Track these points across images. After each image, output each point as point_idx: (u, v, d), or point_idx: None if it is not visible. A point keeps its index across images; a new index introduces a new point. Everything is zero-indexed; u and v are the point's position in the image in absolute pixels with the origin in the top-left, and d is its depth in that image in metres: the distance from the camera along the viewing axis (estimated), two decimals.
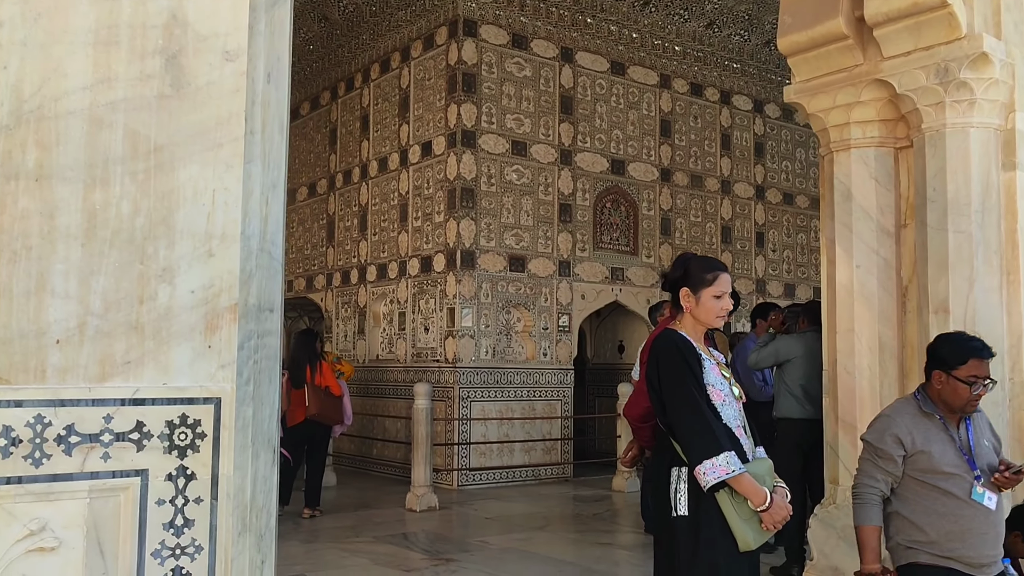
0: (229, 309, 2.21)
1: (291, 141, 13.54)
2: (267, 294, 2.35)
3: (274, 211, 2.39)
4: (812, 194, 13.28)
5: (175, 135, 2.16)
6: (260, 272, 2.33)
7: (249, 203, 2.31)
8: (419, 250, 10.30)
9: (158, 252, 2.12)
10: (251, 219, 2.31)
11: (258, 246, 2.32)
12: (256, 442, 2.30)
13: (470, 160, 9.81)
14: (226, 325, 2.20)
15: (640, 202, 11.29)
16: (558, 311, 10.42)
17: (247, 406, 2.27)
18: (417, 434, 8.07)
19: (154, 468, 2.07)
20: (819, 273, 12.75)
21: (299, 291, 12.78)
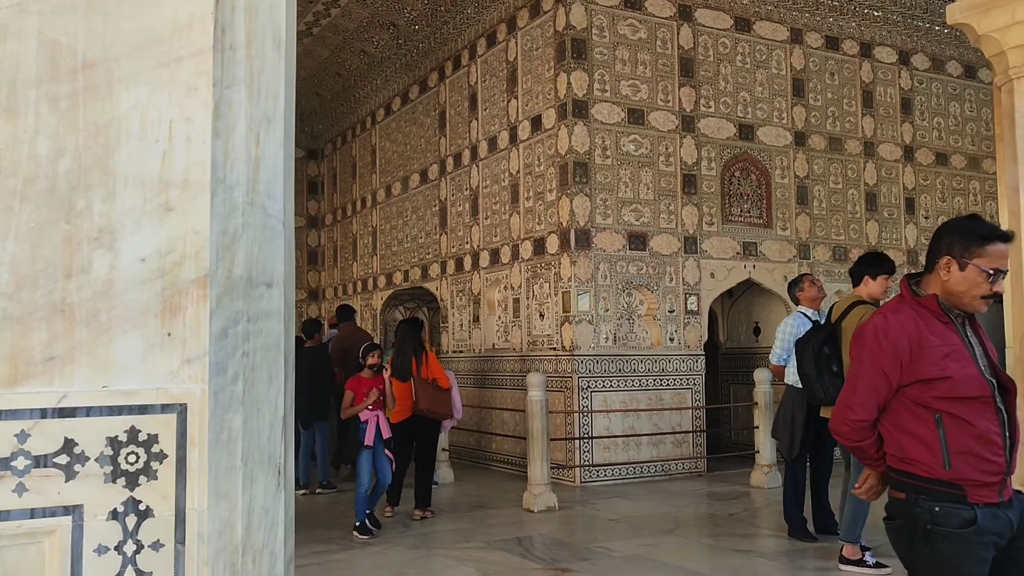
0: (197, 283, 1.62)
1: (402, 127, 13.22)
2: (261, 263, 1.75)
3: (269, 153, 1.79)
4: (969, 152, 11.89)
5: (113, 47, 1.59)
6: (249, 233, 1.74)
7: (230, 141, 1.71)
8: (531, 232, 9.68)
9: (91, 207, 1.55)
10: (233, 162, 1.72)
11: (245, 198, 1.73)
12: (250, 461, 1.71)
13: (582, 132, 9.10)
14: (192, 305, 1.62)
15: (772, 169, 10.29)
16: (685, 292, 9.59)
17: (234, 413, 1.68)
18: (532, 429, 7.46)
19: (91, 503, 1.50)
20: None
21: (415, 280, 12.41)
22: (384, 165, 13.53)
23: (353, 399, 6.74)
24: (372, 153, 13.96)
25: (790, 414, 6.10)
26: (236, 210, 1.72)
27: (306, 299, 16.00)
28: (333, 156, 15.71)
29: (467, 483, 9.13)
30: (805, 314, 6.30)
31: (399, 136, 13.03)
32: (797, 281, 6.47)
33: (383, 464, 6.71)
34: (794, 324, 6.20)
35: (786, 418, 6.12)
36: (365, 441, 6.58)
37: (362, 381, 6.79)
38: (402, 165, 12.90)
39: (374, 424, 6.58)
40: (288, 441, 1.87)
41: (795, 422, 6.05)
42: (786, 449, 6.11)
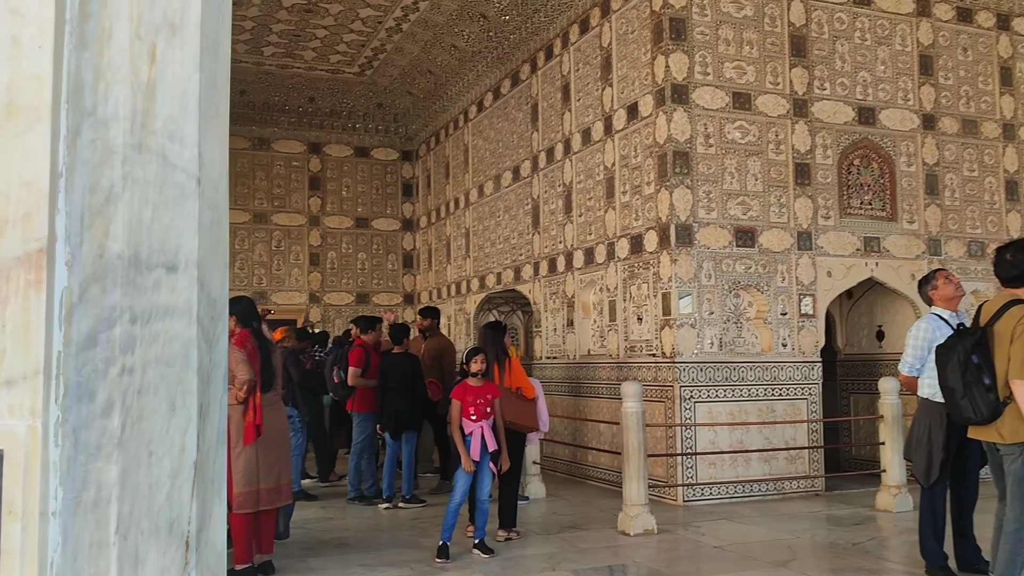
0: (25, 262, 1.06)
1: (495, 123, 12.72)
2: (157, 236, 1.18)
3: (173, 75, 1.22)
4: None
5: None
6: (135, 191, 1.17)
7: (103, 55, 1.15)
8: (628, 228, 8.97)
9: None
10: (109, 86, 1.16)
11: (129, 139, 1.17)
12: (134, 532, 1.14)
13: (682, 119, 8.36)
14: (17, 296, 1.05)
15: (897, 157, 9.29)
16: (799, 292, 8.70)
17: (105, 461, 1.12)
18: (628, 443, 6.77)
19: None
20: None
21: (507, 283, 11.86)
22: (477, 164, 13.05)
23: (460, 409, 6.14)
24: (465, 152, 13.51)
25: (926, 433, 5.23)
26: (113, 156, 1.16)
27: (401, 303, 15.69)
28: (427, 157, 15.36)
29: (559, 499, 8.49)
30: (941, 316, 5.41)
31: (491, 133, 12.52)
32: (929, 278, 5.56)
33: (484, 478, 6.14)
34: (928, 328, 5.32)
35: (921, 437, 5.26)
36: (472, 455, 6.00)
37: (468, 389, 6.18)
38: (494, 163, 12.38)
39: (479, 436, 6.01)
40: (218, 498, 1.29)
41: (933, 442, 5.18)
42: (922, 473, 5.23)
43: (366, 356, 8.54)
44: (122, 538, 1.12)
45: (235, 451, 5.46)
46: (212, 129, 1.29)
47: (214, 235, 1.29)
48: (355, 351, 8.62)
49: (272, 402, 5.68)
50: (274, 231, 15.13)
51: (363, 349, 8.60)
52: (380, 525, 7.40)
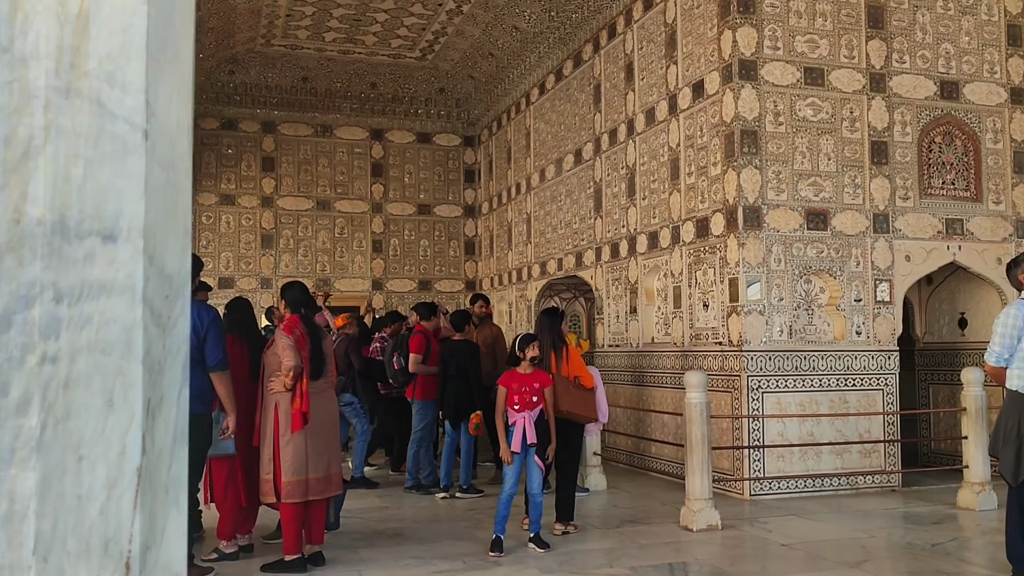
0: None
1: (556, 106, 12.45)
2: (91, 198, 1.00)
3: (112, 5, 1.02)
4: None
5: None
6: (61, 143, 0.98)
7: None
8: (693, 211, 8.64)
9: None
10: (28, 18, 0.97)
11: (54, 81, 0.98)
12: (56, 552, 0.95)
13: (751, 96, 7.98)
14: None
15: (982, 133, 8.74)
16: (875, 278, 8.26)
17: (20, 468, 0.93)
18: (691, 435, 6.48)
19: None
20: None
21: (569, 269, 11.61)
22: (538, 148, 12.80)
23: (507, 396, 5.95)
24: (526, 136, 13.28)
25: (1015, 428, 4.84)
26: (33, 101, 0.97)
27: (463, 290, 15.56)
28: (489, 142, 15.17)
29: (621, 491, 8.24)
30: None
31: (553, 116, 12.26)
32: (1020, 260, 5.14)
33: (532, 471, 5.93)
34: (1018, 315, 4.91)
35: (1009, 432, 4.86)
36: (512, 447, 5.81)
37: (515, 376, 5.99)
38: (556, 146, 12.12)
39: (520, 427, 5.80)
40: (175, 509, 1.10)
41: (1022, 438, 4.80)
42: (1010, 471, 4.85)
43: (427, 342, 8.41)
44: (41, 560, 0.94)
45: (283, 439, 5.36)
46: (167, 75, 1.09)
47: (168, 199, 1.09)
48: (415, 337, 8.50)
49: (322, 390, 5.56)
50: (337, 218, 15.13)
51: (423, 335, 8.48)
52: (436, 516, 7.26)
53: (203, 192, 14.57)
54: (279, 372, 5.35)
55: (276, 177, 14.91)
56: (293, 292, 5.62)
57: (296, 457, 5.35)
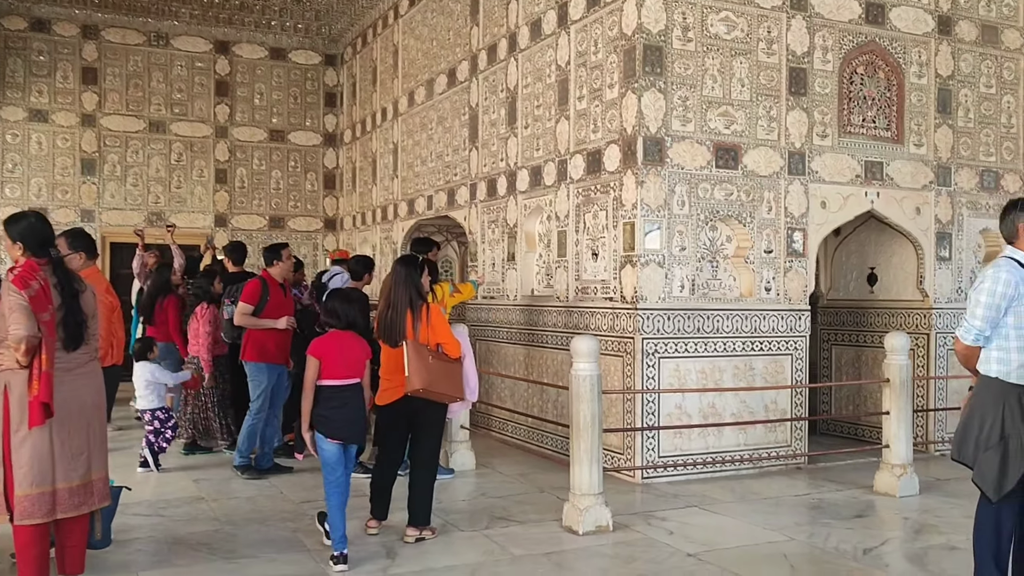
0: None
1: (428, 19, 10.83)
2: None
3: None
4: None
5: None
6: None
7: None
8: (584, 143, 7.31)
9: None
10: None
11: None
12: None
13: (656, 5, 6.65)
14: None
15: (907, 66, 7.73)
16: (788, 226, 7.18)
17: None
18: (578, 415, 5.22)
19: None
20: None
21: (440, 208, 10.14)
22: (408, 67, 11.18)
23: (318, 370, 4.65)
24: (394, 54, 11.61)
25: (997, 427, 3.75)
26: None
27: (322, 229, 13.86)
28: (353, 61, 13.39)
29: (493, 473, 6.97)
30: (1020, 262, 3.88)
31: (424, 30, 10.64)
32: (1008, 209, 3.98)
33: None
34: (1009, 281, 3.78)
35: (990, 433, 3.77)
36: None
37: (333, 342, 4.67)
38: (427, 66, 10.54)
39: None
40: None
41: (1008, 440, 3.71)
42: (993, 483, 3.76)
43: (262, 291, 6.80)
44: None
45: (16, 437, 3.77)
46: None
47: None
48: (250, 283, 6.89)
49: (78, 365, 3.97)
50: (174, 143, 13.11)
51: (260, 283, 6.86)
52: (261, 512, 5.78)
53: (7, 105, 12.29)
54: (8, 342, 3.74)
55: (99, 92, 12.73)
56: (26, 225, 3.97)
57: (35, 462, 3.79)
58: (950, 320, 7.93)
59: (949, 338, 7.93)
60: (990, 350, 3.83)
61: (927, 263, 7.84)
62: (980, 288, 3.81)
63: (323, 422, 4.63)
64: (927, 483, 6.47)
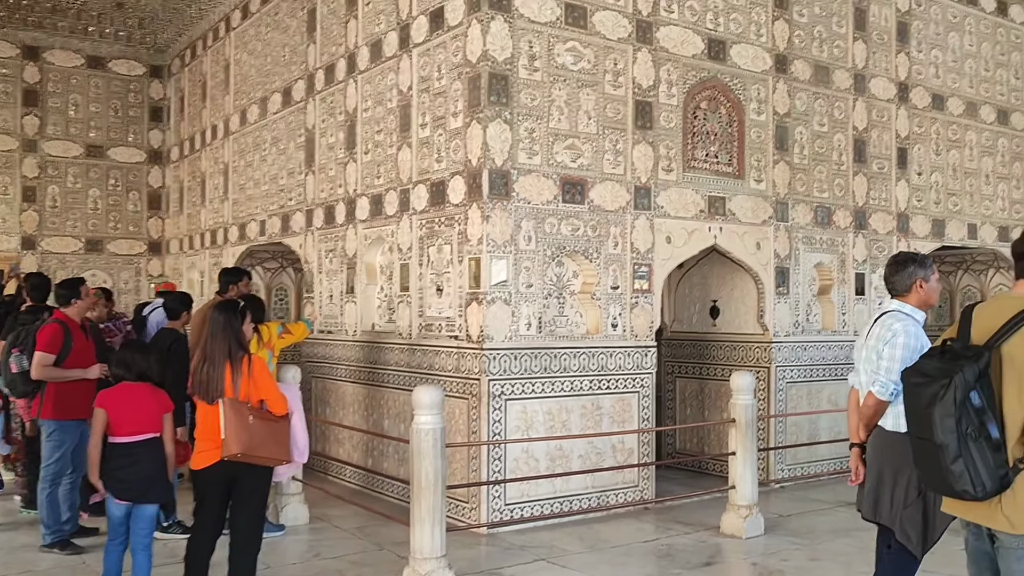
0: None
1: (262, 34, 10.20)
2: None
3: None
4: (967, 96, 9.70)
5: None
6: None
7: None
8: (427, 172, 6.94)
9: None
10: None
11: None
12: None
13: (502, 31, 6.39)
14: None
15: (747, 102, 7.81)
16: (634, 261, 7.06)
17: None
18: (419, 474, 4.82)
19: None
20: (976, 204, 9.26)
21: (273, 235, 9.51)
22: (240, 84, 10.49)
23: (105, 422, 4.27)
24: (226, 69, 10.88)
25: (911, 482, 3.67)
26: None
27: (146, 253, 12.83)
28: (181, 74, 12.50)
29: (329, 528, 6.44)
30: (915, 317, 3.83)
31: (259, 45, 10.00)
32: (924, 262, 3.86)
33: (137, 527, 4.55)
34: (919, 335, 3.71)
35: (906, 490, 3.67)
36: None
37: (126, 394, 4.27)
38: (261, 83, 9.90)
39: None
40: None
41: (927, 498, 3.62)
42: (918, 539, 3.67)
43: (64, 336, 5.97)
44: None
45: None
46: None
47: None
48: (48, 328, 6.01)
49: None
50: None
51: (60, 326, 6.01)
52: None
53: None
54: None
55: None
56: None
57: None
58: (789, 353, 8.05)
59: (788, 371, 8.05)
60: (897, 405, 3.71)
61: (767, 297, 7.93)
62: (895, 343, 3.70)
63: (111, 481, 4.45)
64: (771, 521, 6.46)
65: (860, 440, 3.92)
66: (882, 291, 8.66)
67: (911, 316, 3.80)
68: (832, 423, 8.37)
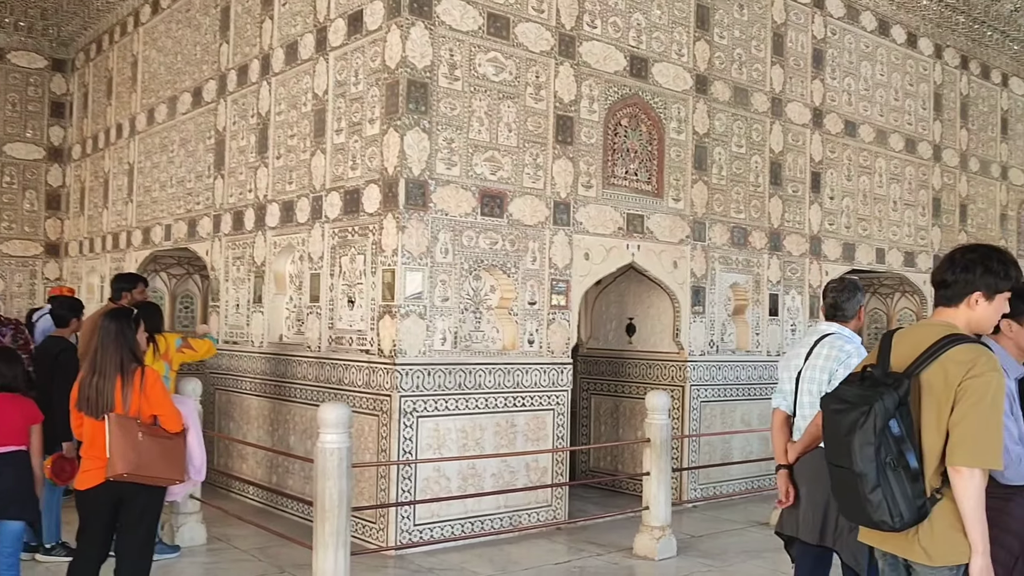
0: None
1: (172, 31, 9.80)
2: None
3: None
4: (878, 124, 9.96)
5: None
6: None
7: None
8: (341, 179, 6.72)
9: None
10: None
11: None
12: None
13: (423, 38, 6.22)
14: None
15: (667, 121, 7.82)
16: (552, 277, 6.95)
17: None
18: (323, 495, 4.59)
19: None
20: (884, 229, 9.50)
21: (179, 240, 9.10)
22: (148, 81, 10.04)
23: None
24: (133, 65, 10.42)
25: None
26: None
27: (42, 255, 12.18)
28: (86, 69, 11.94)
29: (228, 549, 6.12)
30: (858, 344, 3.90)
31: (169, 42, 9.60)
32: (854, 290, 3.96)
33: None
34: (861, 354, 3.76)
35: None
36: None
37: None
38: (171, 82, 9.50)
39: None
40: None
41: None
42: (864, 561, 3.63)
43: None
44: None
45: None
46: None
47: None
48: None
49: None
50: None
51: None
52: None
53: None
54: None
55: None
56: None
57: None
58: (703, 372, 8.06)
59: (703, 390, 8.06)
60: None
61: (683, 316, 7.93)
62: (850, 364, 3.71)
63: None
64: (683, 542, 6.40)
65: (789, 462, 3.87)
66: (794, 312, 8.81)
67: (853, 339, 3.84)
68: (745, 443, 8.41)
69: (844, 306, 3.94)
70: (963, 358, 2.67)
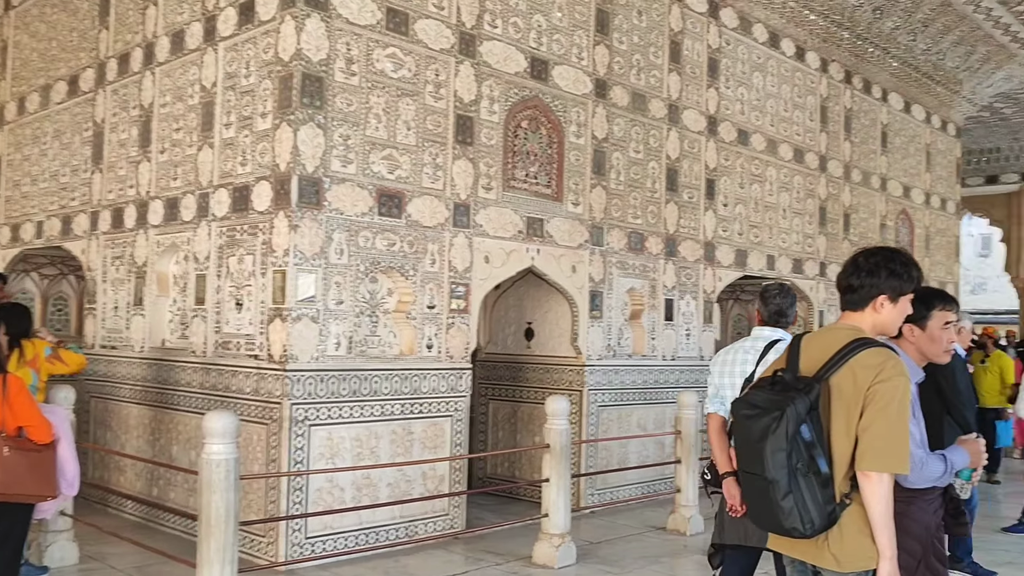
0: None
1: (47, 15, 9.20)
2: None
3: None
4: (768, 134, 10.21)
5: None
6: None
7: None
8: (230, 175, 6.39)
9: None
10: None
11: None
12: None
13: (319, 30, 5.98)
14: None
15: (567, 125, 7.78)
16: (451, 280, 6.80)
17: None
18: (208, 509, 4.30)
19: None
20: (775, 236, 9.75)
21: (51, 237, 8.53)
22: (19, 68, 9.40)
23: None
24: (3, 51, 9.74)
25: None
26: None
27: None
28: None
29: (102, 568, 5.71)
30: None
31: (42, 27, 9.00)
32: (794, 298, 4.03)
33: None
34: None
35: None
36: None
37: None
38: (44, 69, 8.90)
39: None
40: None
41: None
42: None
43: None
44: None
45: None
46: None
47: None
48: None
49: None
50: None
51: None
52: None
53: None
54: None
55: None
56: None
57: None
58: (601, 377, 8.05)
59: (600, 395, 8.05)
60: None
61: (581, 320, 7.90)
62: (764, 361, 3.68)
63: None
64: (582, 549, 6.34)
65: (734, 468, 3.81)
66: (689, 317, 8.91)
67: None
68: (641, 447, 8.44)
69: (787, 312, 3.98)
70: (871, 362, 2.65)
